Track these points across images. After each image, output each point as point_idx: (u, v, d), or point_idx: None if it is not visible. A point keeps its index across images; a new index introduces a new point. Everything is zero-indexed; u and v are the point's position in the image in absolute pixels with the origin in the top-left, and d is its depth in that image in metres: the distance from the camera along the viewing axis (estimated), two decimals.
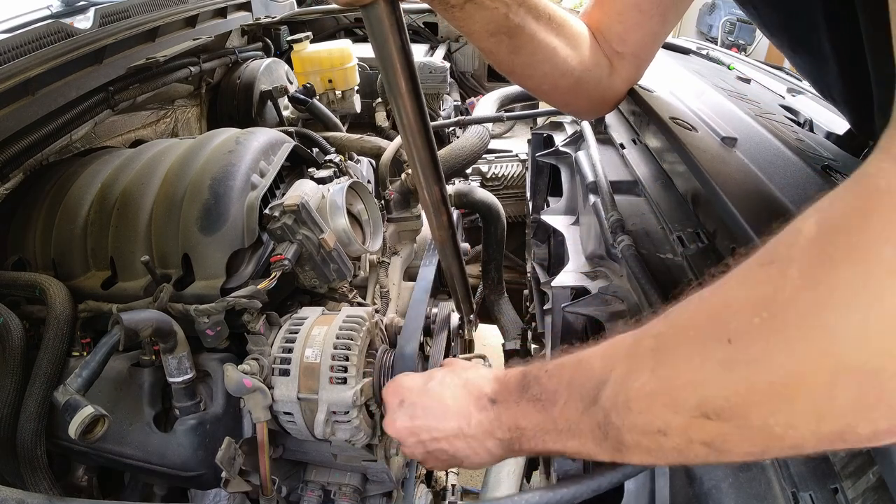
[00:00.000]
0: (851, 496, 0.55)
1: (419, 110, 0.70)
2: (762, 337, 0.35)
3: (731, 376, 0.37)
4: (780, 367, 0.34)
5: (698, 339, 0.40)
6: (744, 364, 0.36)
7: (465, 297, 1.10)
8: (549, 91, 0.88)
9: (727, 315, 0.38)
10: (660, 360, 0.43)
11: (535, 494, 0.57)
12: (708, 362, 0.39)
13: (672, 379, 0.41)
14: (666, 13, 0.81)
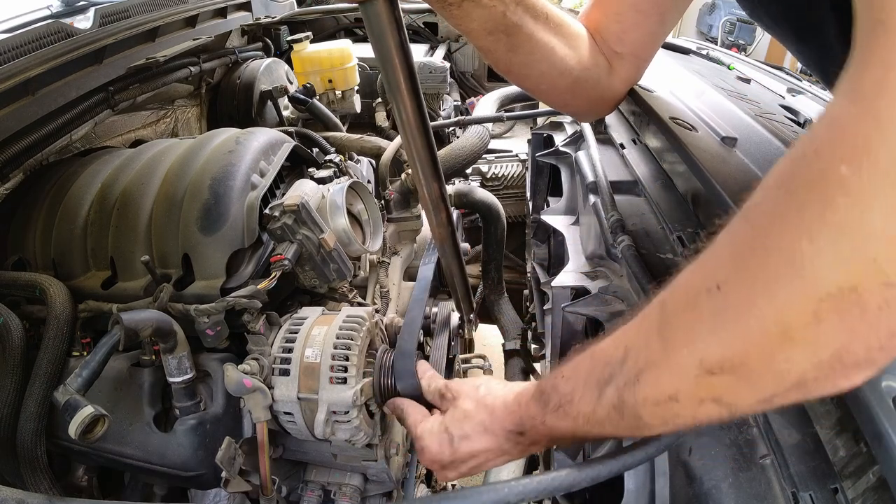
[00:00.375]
0: (851, 496, 0.55)
1: (418, 107, 0.70)
2: (744, 283, 0.37)
3: (725, 328, 0.38)
4: (766, 308, 0.36)
5: (691, 297, 0.42)
6: (733, 312, 0.38)
7: (465, 296, 1.10)
8: (548, 91, 0.88)
9: (714, 267, 0.40)
10: (663, 329, 0.44)
11: (532, 480, 0.57)
12: (702, 319, 0.40)
13: (674, 343, 0.42)
14: (664, 13, 0.81)
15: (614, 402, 0.48)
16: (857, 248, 0.32)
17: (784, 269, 0.35)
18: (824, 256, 0.33)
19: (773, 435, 0.66)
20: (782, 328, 0.35)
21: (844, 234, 0.32)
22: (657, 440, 0.59)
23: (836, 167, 0.32)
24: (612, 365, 0.49)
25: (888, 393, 0.47)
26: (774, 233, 0.36)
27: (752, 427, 0.69)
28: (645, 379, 0.45)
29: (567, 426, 0.56)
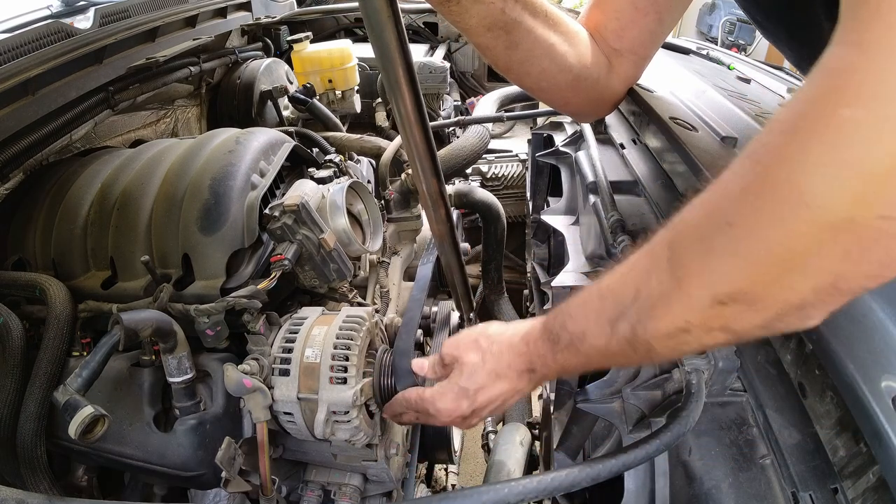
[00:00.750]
0: (851, 496, 0.55)
1: (416, 102, 0.70)
2: (754, 216, 0.40)
3: (737, 260, 0.41)
4: (775, 238, 0.39)
5: (703, 234, 0.44)
6: (745, 245, 0.41)
7: (465, 295, 1.11)
8: (548, 88, 0.88)
9: (724, 204, 0.43)
10: (675, 267, 0.46)
11: (532, 480, 0.57)
12: (715, 254, 0.43)
13: (687, 280, 0.45)
14: (662, 12, 0.81)
15: (627, 336, 0.51)
16: (855, 184, 0.35)
17: (791, 202, 0.37)
18: (827, 190, 0.36)
19: (773, 435, 0.66)
20: (789, 256, 0.38)
21: (844, 171, 0.35)
22: (657, 440, 0.59)
23: (838, 111, 0.35)
24: (624, 303, 0.50)
25: (888, 393, 0.47)
26: (782, 170, 0.38)
27: (752, 427, 0.69)
28: (658, 314, 0.47)
29: (578, 361, 0.58)
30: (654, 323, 0.48)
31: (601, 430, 0.95)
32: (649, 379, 0.76)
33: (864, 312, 0.54)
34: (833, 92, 0.36)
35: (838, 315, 0.54)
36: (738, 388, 0.72)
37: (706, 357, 0.68)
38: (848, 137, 0.35)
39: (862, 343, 0.51)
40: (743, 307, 0.42)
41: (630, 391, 0.75)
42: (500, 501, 0.56)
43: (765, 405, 0.68)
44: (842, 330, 0.53)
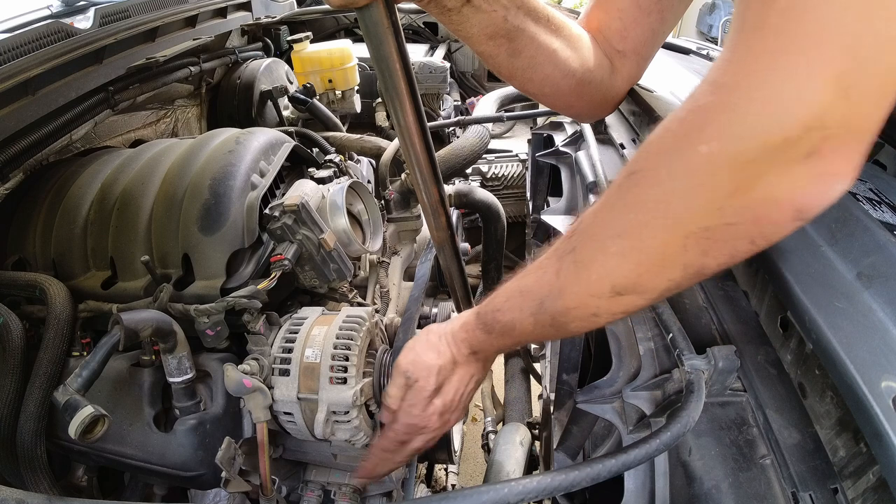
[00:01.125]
0: (851, 496, 0.55)
1: (417, 113, 0.70)
2: (637, 229, 0.51)
3: (628, 263, 0.53)
4: (654, 246, 0.50)
5: (600, 242, 0.55)
6: (633, 251, 0.52)
7: (465, 298, 1.10)
8: (551, 94, 0.87)
9: (613, 217, 0.54)
10: (578, 268, 0.57)
11: (532, 480, 0.57)
12: (610, 257, 0.54)
13: (591, 277, 0.56)
14: (664, 11, 0.81)
15: (548, 322, 0.62)
16: (707, 201, 0.46)
17: (662, 218, 0.49)
18: (687, 207, 0.47)
19: (773, 435, 0.66)
20: (665, 258, 0.50)
21: (700, 191, 0.46)
22: (657, 439, 0.59)
23: (697, 147, 0.44)
24: (542, 299, 0.62)
25: (888, 393, 0.47)
26: (654, 191, 0.49)
27: (752, 427, 0.69)
28: (570, 304, 0.59)
29: (513, 341, 0.71)
30: (570, 312, 0.60)
31: (601, 430, 0.95)
32: (649, 379, 0.76)
33: (864, 313, 0.54)
34: (694, 129, 0.45)
35: (838, 315, 0.55)
36: (738, 388, 0.72)
37: (706, 357, 0.68)
38: (703, 169, 0.45)
39: (862, 343, 0.51)
40: (635, 296, 0.54)
41: (630, 391, 0.75)
42: (500, 501, 0.56)
43: (765, 405, 0.68)
44: (842, 330, 0.53)
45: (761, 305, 0.73)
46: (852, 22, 0.37)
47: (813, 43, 0.38)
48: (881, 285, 0.55)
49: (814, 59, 0.38)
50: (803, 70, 0.39)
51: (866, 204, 0.66)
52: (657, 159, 0.49)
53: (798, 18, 0.38)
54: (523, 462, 1.35)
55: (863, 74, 0.39)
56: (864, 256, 0.58)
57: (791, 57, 0.39)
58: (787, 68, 0.39)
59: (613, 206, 0.54)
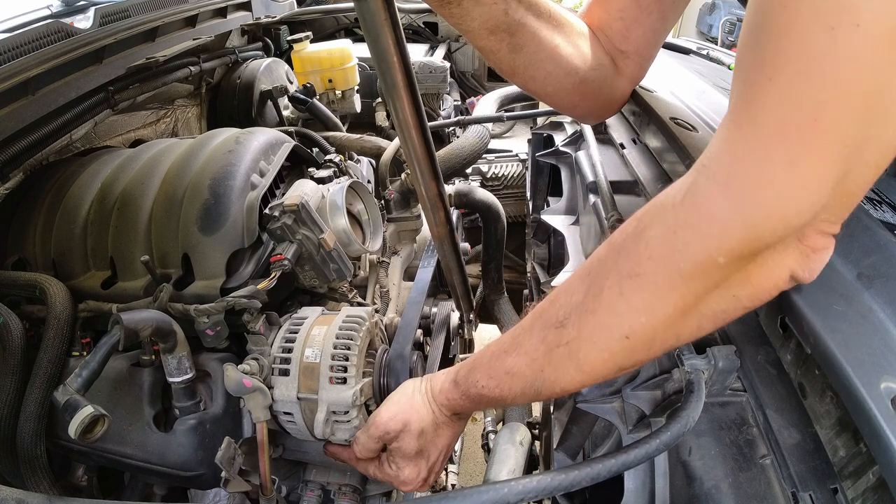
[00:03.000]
0: (851, 496, 0.55)
1: (415, 105, 0.70)
2: (642, 332, 0.53)
3: (635, 354, 0.56)
4: (664, 339, 0.54)
5: (604, 343, 0.56)
6: (640, 345, 0.54)
7: (465, 295, 1.11)
8: (554, 93, 0.86)
9: (616, 319, 0.54)
10: (577, 363, 0.58)
11: (532, 480, 0.57)
12: (615, 354, 0.56)
13: (593, 369, 0.58)
14: (665, 10, 0.81)
15: (540, 396, 0.65)
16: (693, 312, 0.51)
17: (666, 316, 0.52)
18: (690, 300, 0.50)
19: (773, 435, 0.66)
20: (673, 341, 0.55)
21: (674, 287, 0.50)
22: (657, 439, 0.59)
23: (712, 255, 0.47)
24: (533, 382, 0.63)
25: (887, 393, 0.47)
26: (660, 298, 0.51)
27: (752, 427, 0.69)
28: (567, 387, 0.61)
29: (494, 403, 0.71)
30: (564, 391, 0.62)
31: (601, 430, 0.95)
32: (649, 379, 0.76)
33: (863, 314, 0.54)
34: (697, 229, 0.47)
35: (838, 316, 0.55)
36: (738, 388, 0.72)
37: (706, 357, 0.68)
38: (713, 268, 0.47)
39: (862, 344, 0.51)
40: (635, 367, 0.60)
41: (630, 391, 0.75)
42: (499, 501, 0.56)
43: (765, 405, 0.68)
44: (840, 333, 0.53)
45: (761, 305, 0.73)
46: (852, 125, 0.38)
47: (816, 144, 0.39)
48: (881, 285, 0.55)
49: (817, 162, 0.39)
50: (806, 172, 0.40)
51: (866, 204, 0.66)
52: (664, 262, 0.49)
53: (801, 112, 0.39)
54: (523, 462, 1.35)
55: (858, 171, 0.41)
56: (865, 256, 0.58)
57: (796, 157, 0.40)
58: (792, 168, 0.40)
59: (619, 307, 0.53)
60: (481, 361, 0.70)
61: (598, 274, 0.55)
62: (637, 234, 0.52)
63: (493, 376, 0.68)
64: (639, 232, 0.52)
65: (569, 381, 0.60)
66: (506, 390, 0.66)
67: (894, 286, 0.54)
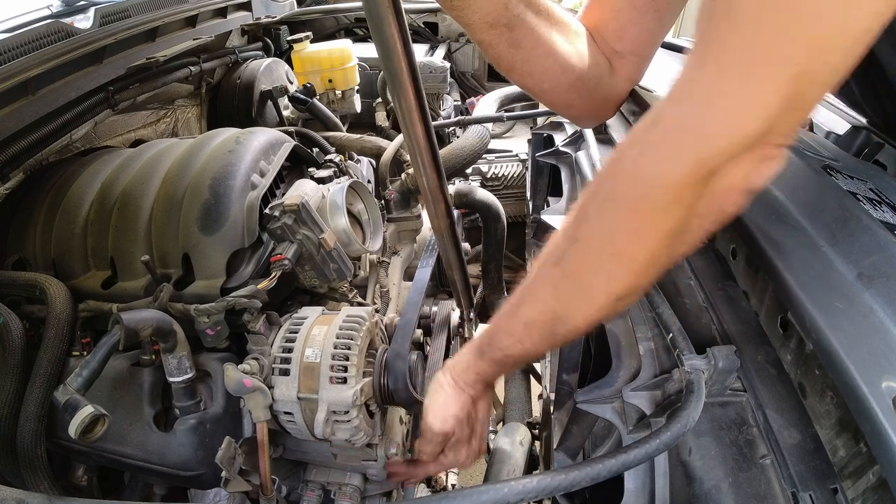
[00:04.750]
0: (851, 496, 0.55)
1: (417, 95, 0.70)
2: (628, 247, 0.56)
3: (625, 275, 0.58)
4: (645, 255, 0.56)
5: (596, 264, 0.60)
6: (627, 264, 0.57)
7: (465, 290, 1.11)
8: (550, 90, 0.87)
9: (603, 240, 0.58)
10: (580, 291, 0.62)
11: (532, 480, 0.57)
12: (609, 275, 0.59)
13: (595, 296, 0.61)
14: (660, 10, 0.81)
15: (560, 340, 0.68)
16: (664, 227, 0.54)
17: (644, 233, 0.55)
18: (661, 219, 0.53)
19: (773, 435, 0.66)
20: (653, 260, 0.57)
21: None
22: (657, 439, 0.59)
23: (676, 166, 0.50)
24: (551, 326, 0.65)
25: (888, 393, 0.47)
26: (635, 216, 0.55)
27: (752, 427, 0.69)
28: (580, 323, 0.64)
29: (520, 365, 0.81)
30: (578, 328, 0.64)
31: (601, 430, 0.95)
32: (649, 379, 0.76)
33: (864, 313, 0.54)
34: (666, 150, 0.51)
35: (839, 316, 0.55)
36: (738, 388, 0.72)
37: (706, 357, 0.68)
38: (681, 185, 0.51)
39: (862, 343, 0.51)
40: (634, 296, 0.61)
41: (630, 391, 0.75)
42: (499, 501, 0.56)
43: (765, 405, 0.68)
44: (842, 331, 0.53)
45: (761, 305, 0.73)
46: (803, 48, 0.42)
47: (770, 63, 0.43)
48: (882, 285, 0.55)
49: (767, 83, 0.44)
50: (759, 92, 0.44)
51: (867, 204, 0.66)
52: (637, 180, 0.53)
53: (757, 38, 0.43)
54: (523, 462, 1.35)
55: (805, 93, 0.45)
56: (865, 256, 0.58)
57: (749, 78, 0.44)
58: (746, 82, 0.44)
59: (602, 227, 0.58)
60: (498, 324, 0.73)
61: (585, 203, 0.59)
62: (615, 161, 0.56)
63: (512, 333, 0.70)
64: (616, 160, 0.56)
65: (581, 315, 0.62)
66: (527, 343, 0.69)
67: (894, 286, 0.54)
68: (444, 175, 0.83)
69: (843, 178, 0.73)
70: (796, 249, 0.63)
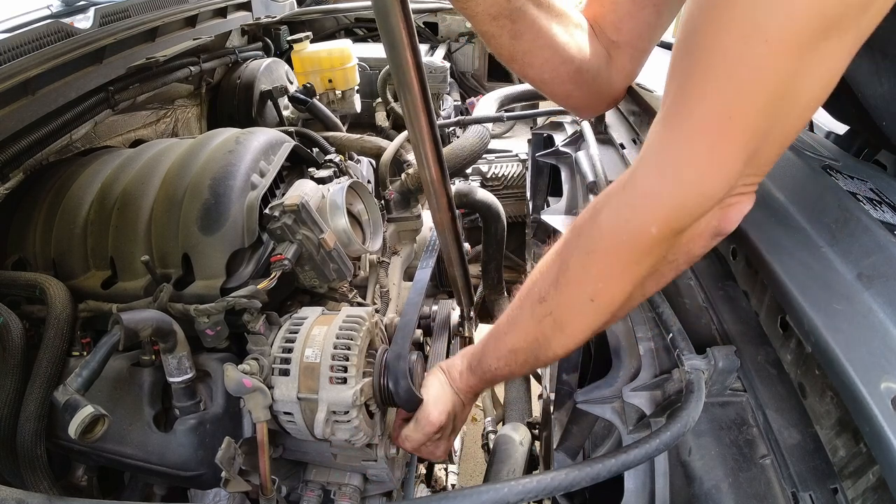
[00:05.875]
0: (851, 496, 0.55)
1: (422, 86, 0.71)
2: (604, 292, 0.63)
3: (601, 314, 0.65)
4: (620, 296, 0.63)
5: (577, 307, 0.66)
6: (603, 306, 0.64)
7: (465, 287, 1.10)
8: (550, 81, 0.88)
9: (580, 287, 0.65)
10: (562, 327, 0.69)
11: (532, 480, 0.57)
12: (587, 315, 0.66)
13: (574, 331, 0.68)
14: (659, 5, 0.82)
15: (540, 364, 0.77)
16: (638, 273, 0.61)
17: (620, 279, 0.62)
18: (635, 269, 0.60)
19: (773, 435, 0.66)
20: (627, 300, 0.64)
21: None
22: (657, 439, 0.59)
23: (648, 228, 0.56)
24: (534, 352, 0.73)
25: (887, 394, 0.47)
26: (612, 266, 0.61)
27: (752, 427, 0.69)
28: (559, 352, 0.71)
29: (506, 379, 0.91)
30: (556, 355, 0.73)
31: (601, 430, 0.95)
32: (649, 379, 0.76)
33: (864, 313, 0.54)
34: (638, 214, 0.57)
35: (837, 317, 0.55)
36: (738, 388, 0.72)
37: (706, 357, 0.68)
38: (654, 241, 0.57)
39: (862, 344, 0.51)
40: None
41: (630, 391, 0.75)
42: (499, 501, 0.56)
43: (765, 405, 0.68)
44: (841, 332, 0.53)
45: (761, 305, 0.73)
46: (760, 118, 0.48)
47: (731, 134, 0.49)
48: (881, 285, 0.55)
49: (731, 147, 0.49)
50: (722, 159, 0.50)
51: (866, 204, 0.66)
52: (611, 237, 0.59)
53: (719, 109, 0.48)
54: (523, 462, 1.35)
55: (765, 150, 0.51)
56: (865, 256, 0.58)
57: (713, 144, 0.50)
58: (711, 153, 0.50)
59: (581, 276, 0.64)
60: (487, 347, 0.82)
61: (565, 252, 0.66)
62: (592, 217, 0.62)
63: (499, 357, 0.79)
64: (593, 216, 0.62)
65: (559, 345, 0.70)
66: (513, 365, 0.78)
67: (894, 286, 0.54)
68: (446, 169, 0.83)
69: (843, 178, 0.73)
70: (796, 250, 0.63)
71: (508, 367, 0.79)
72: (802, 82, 0.46)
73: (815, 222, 0.66)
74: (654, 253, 0.58)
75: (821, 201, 0.69)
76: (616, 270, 0.61)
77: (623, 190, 0.58)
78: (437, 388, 0.92)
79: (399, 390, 0.91)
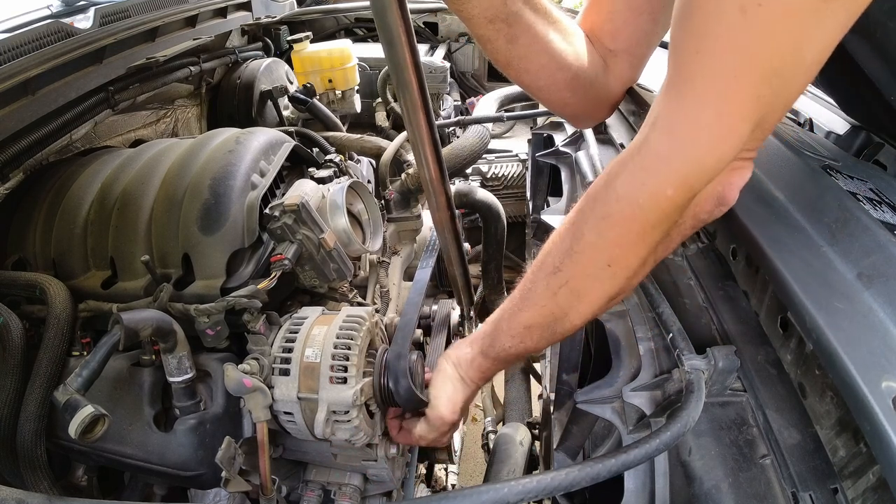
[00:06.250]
0: (851, 496, 0.55)
1: (420, 85, 0.70)
2: (620, 258, 0.64)
3: (618, 280, 0.66)
4: (635, 261, 0.65)
5: (592, 273, 0.67)
6: (620, 271, 0.65)
7: (465, 286, 1.10)
8: (545, 87, 0.88)
9: (597, 253, 0.65)
10: (578, 295, 0.69)
11: (532, 480, 0.57)
12: (604, 281, 0.67)
13: (591, 299, 0.69)
14: (655, 12, 0.82)
15: (558, 338, 0.76)
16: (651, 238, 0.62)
17: (635, 244, 0.63)
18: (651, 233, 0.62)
19: (773, 435, 0.66)
20: (642, 265, 0.65)
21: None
22: (657, 439, 0.59)
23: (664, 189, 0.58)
24: (550, 326, 0.73)
25: (888, 393, 0.47)
26: (627, 228, 0.62)
27: (752, 427, 0.69)
28: (577, 322, 0.72)
29: (518, 361, 0.86)
30: (575, 326, 0.72)
31: (601, 430, 0.95)
32: (649, 379, 0.76)
33: (864, 313, 0.54)
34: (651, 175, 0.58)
35: (838, 316, 0.55)
36: (738, 388, 0.72)
37: (706, 357, 0.68)
38: (667, 204, 0.58)
39: (862, 343, 0.51)
40: (625, 294, 0.69)
41: (630, 391, 0.75)
42: (500, 501, 0.56)
43: (765, 405, 0.68)
44: (842, 330, 0.53)
45: (761, 305, 0.73)
46: (763, 82, 0.50)
47: (737, 99, 0.51)
48: (881, 285, 0.55)
49: (738, 112, 0.52)
50: (733, 123, 0.52)
51: (867, 204, 0.66)
52: (628, 201, 0.60)
53: (724, 76, 0.50)
54: (523, 462, 1.35)
55: (768, 117, 0.53)
56: (865, 256, 0.58)
57: (722, 112, 0.52)
58: (720, 118, 0.52)
59: (598, 243, 0.65)
60: (500, 326, 0.80)
61: (579, 221, 0.66)
62: (607, 184, 0.62)
63: (514, 335, 0.78)
64: (608, 182, 0.62)
65: (577, 314, 0.70)
66: (528, 342, 0.77)
67: (894, 286, 0.54)
68: (445, 167, 0.83)
69: (843, 178, 0.73)
70: (796, 249, 0.63)
71: (524, 343, 0.78)
72: (807, 44, 0.48)
73: (815, 222, 0.66)
74: (671, 216, 0.59)
75: (821, 201, 0.69)
76: (633, 235, 0.61)
77: (638, 153, 0.59)
78: (448, 386, 0.90)
79: (399, 390, 0.91)
